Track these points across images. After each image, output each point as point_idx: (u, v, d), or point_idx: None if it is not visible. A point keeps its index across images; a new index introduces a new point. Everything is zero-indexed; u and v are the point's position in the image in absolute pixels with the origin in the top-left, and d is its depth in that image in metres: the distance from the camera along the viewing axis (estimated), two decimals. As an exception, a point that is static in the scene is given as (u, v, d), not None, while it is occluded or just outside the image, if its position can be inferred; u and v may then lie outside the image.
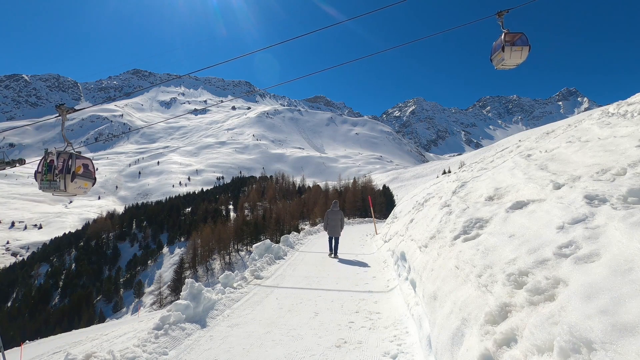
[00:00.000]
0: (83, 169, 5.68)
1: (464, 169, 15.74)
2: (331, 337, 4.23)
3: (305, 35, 5.67)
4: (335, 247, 10.16)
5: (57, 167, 5.41)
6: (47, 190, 5.53)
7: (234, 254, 58.77)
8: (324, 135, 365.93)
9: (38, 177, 5.50)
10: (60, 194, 5.66)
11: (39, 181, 5.47)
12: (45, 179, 5.41)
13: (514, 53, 6.93)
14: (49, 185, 5.43)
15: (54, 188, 5.43)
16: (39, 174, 5.49)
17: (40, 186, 5.50)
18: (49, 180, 5.39)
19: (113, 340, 7.88)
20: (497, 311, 2.25)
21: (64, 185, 5.38)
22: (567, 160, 4.92)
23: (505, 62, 6.90)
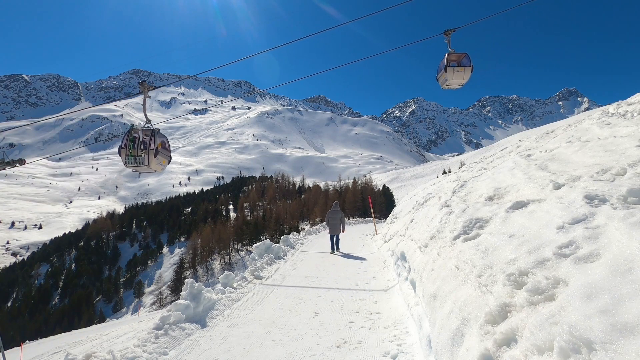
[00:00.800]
0: (162, 146, 5.87)
1: (464, 169, 15.73)
2: (331, 337, 4.23)
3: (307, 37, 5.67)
4: (336, 243, 10.90)
5: (141, 143, 5.59)
6: (131, 165, 5.71)
7: (234, 254, 58.78)
8: (324, 135, 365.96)
9: (122, 153, 5.66)
10: (143, 169, 5.82)
11: (124, 156, 5.62)
12: (130, 154, 5.59)
13: (456, 74, 6.95)
14: (134, 160, 5.61)
15: (138, 163, 5.61)
16: (122, 149, 5.66)
17: (125, 161, 5.66)
18: (134, 156, 5.57)
19: (113, 340, 7.88)
20: (497, 311, 2.25)
21: (147, 160, 5.60)
22: (567, 160, 4.92)
23: (449, 83, 6.88)
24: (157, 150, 5.59)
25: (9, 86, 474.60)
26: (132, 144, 5.55)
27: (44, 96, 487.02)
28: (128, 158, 5.55)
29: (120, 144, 5.69)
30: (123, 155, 5.60)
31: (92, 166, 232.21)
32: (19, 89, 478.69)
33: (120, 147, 5.62)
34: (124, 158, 5.59)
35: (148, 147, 5.52)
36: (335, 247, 10.86)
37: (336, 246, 10.89)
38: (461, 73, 6.88)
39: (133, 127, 5.73)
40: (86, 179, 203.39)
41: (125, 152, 5.55)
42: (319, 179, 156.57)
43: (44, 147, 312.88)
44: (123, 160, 5.65)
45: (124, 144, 5.58)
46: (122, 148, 5.60)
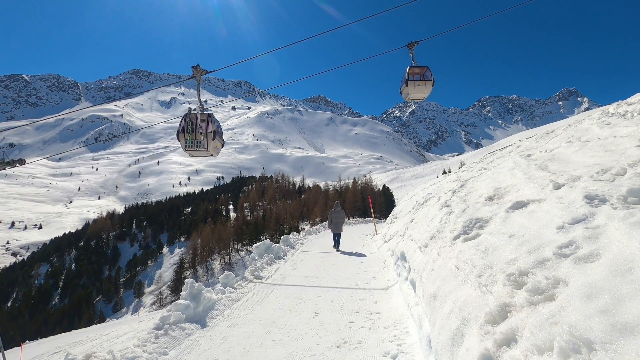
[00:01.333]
0: (218, 130, 5.98)
1: (464, 169, 15.73)
2: (331, 337, 4.23)
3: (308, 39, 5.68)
4: (338, 241, 11.43)
5: (200, 126, 5.66)
6: (190, 149, 5.78)
7: (234, 254, 58.77)
8: (324, 135, 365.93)
9: (181, 137, 5.72)
10: (201, 153, 5.91)
11: (183, 140, 5.69)
12: (189, 138, 5.66)
13: (417, 87, 6.95)
14: (194, 144, 5.71)
15: (198, 146, 5.70)
16: (181, 134, 5.71)
17: (185, 145, 5.73)
18: (193, 139, 5.65)
19: (113, 340, 7.88)
20: (497, 311, 2.25)
21: (206, 143, 5.65)
22: (567, 160, 4.92)
23: (411, 96, 6.85)
24: (214, 133, 5.68)
25: (9, 86, 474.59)
26: (190, 128, 5.62)
27: (44, 96, 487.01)
28: (187, 142, 5.63)
29: (177, 129, 5.76)
30: (182, 139, 5.66)
31: (92, 166, 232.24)
32: (19, 89, 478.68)
33: (179, 132, 5.68)
34: (183, 142, 5.65)
35: (206, 131, 5.59)
36: (337, 244, 11.40)
37: (338, 244, 11.40)
38: (422, 87, 6.88)
39: (191, 111, 5.78)
40: (86, 179, 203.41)
41: (184, 136, 5.61)
42: (319, 179, 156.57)
43: (44, 147, 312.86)
44: (182, 145, 5.70)
45: (182, 128, 5.64)
46: (180, 133, 5.66)
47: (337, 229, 11.43)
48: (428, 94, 6.98)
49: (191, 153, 5.85)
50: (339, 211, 11.63)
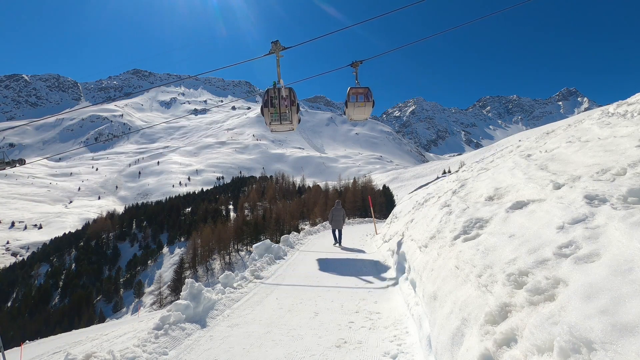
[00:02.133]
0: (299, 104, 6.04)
1: (464, 168, 15.73)
2: (331, 337, 4.23)
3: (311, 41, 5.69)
4: (339, 237, 12.18)
5: (285, 99, 5.70)
6: (275, 123, 5.81)
7: (234, 254, 58.77)
8: (324, 135, 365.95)
9: (266, 112, 5.72)
10: (285, 127, 5.95)
11: (268, 115, 5.70)
12: (275, 112, 5.68)
13: (357, 109, 6.92)
14: (279, 118, 5.72)
15: (283, 119, 5.72)
16: (265, 108, 5.71)
17: (270, 120, 5.73)
18: (279, 113, 5.67)
19: (113, 340, 7.89)
20: (497, 311, 2.25)
21: (291, 116, 5.70)
22: (567, 160, 4.92)
23: (352, 117, 6.71)
24: (298, 106, 5.71)
25: (9, 86, 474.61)
26: (274, 102, 5.62)
27: (44, 96, 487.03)
28: (273, 116, 5.63)
29: (261, 104, 5.75)
30: (267, 114, 5.63)
31: (92, 166, 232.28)
32: (19, 89, 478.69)
33: (262, 107, 5.66)
34: (268, 117, 5.63)
35: (290, 105, 5.60)
36: (339, 240, 12.12)
37: (339, 240, 12.12)
38: (362, 108, 6.84)
39: (275, 84, 5.77)
40: (86, 179, 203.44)
41: (269, 111, 5.59)
42: (319, 179, 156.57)
43: (44, 147, 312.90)
44: (267, 120, 5.69)
45: (265, 103, 5.63)
46: (264, 107, 5.64)
47: (337, 226, 12.26)
48: (368, 115, 7.02)
49: (274, 128, 5.84)
50: (339, 209, 12.43)
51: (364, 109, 6.79)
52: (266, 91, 5.78)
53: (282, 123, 5.72)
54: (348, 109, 6.58)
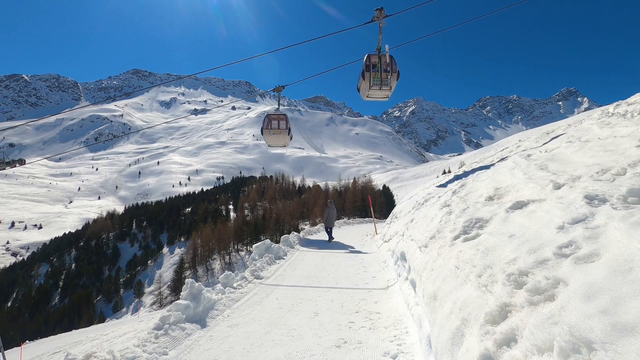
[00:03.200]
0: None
1: (464, 168, 15.72)
2: (331, 337, 4.23)
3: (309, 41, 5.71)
4: (330, 233, 13.22)
5: (388, 65, 5.79)
6: (374, 88, 5.87)
7: (234, 254, 58.75)
8: (324, 135, 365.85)
9: (367, 76, 5.80)
10: (382, 93, 6.07)
11: (370, 80, 5.75)
12: (376, 77, 5.77)
13: (272, 137, 7.01)
14: (380, 82, 5.80)
15: (383, 84, 5.82)
16: (367, 73, 5.79)
17: (372, 83, 5.79)
18: (380, 79, 5.77)
19: (113, 340, 7.89)
20: (497, 311, 2.25)
21: (391, 83, 5.81)
22: (567, 160, 4.92)
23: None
24: (398, 74, 5.77)
25: (9, 86, 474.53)
26: (378, 68, 5.68)
27: (44, 96, 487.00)
28: (375, 80, 5.66)
29: (362, 69, 5.78)
30: (367, 79, 5.66)
31: (92, 166, 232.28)
32: (19, 89, 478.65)
33: (363, 72, 5.69)
34: (369, 82, 5.65)
35: (391, 70, 5.66)
36: (330, 237, 13.09)
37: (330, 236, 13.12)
38: (277, 136, 6.87)
39: (379, 50, 5.83)
40: (86, 179, 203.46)
41: (371, 75, 5.63)
42: (319, 179, 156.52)
43: (44, 147, 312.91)
44: (366, 85, 5.71)
45: (367, 67, 5.68)
46: (365, 72, 5.68)
47: (330, 224, 13.35)
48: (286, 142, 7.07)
49: (371, 93, 5.89)
50: (332, 208, 13.59)
51: (279, 136, 7.00)
52: (367, 57, 5.86)
53: (382, 89, 5.77)
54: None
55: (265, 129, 7.06)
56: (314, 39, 5.76)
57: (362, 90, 6.46)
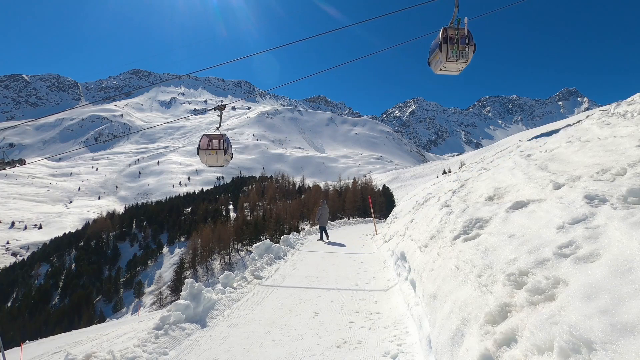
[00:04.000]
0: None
1: (464, 168, 15.72)
2: (331, 337, 4.23)
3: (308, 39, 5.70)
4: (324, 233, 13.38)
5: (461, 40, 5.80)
6: (451, 60, 5.91)
7: (234, 254, 58.76)
8: (324, 135, 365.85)
9: (443, 48, 5.77)
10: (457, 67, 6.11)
11: (447, 52, 5.75)
12: (454, 49, 5.77)
13: (209, 157, 6.98)
14: (458, 54, 5.83)
15: (462, 56, 5.84)
16: (444, 45, 5.78)
17: (449, 56, 5.79)
18: (458, 51, 5.78)
19: (113, 340, 7.89)
20: (497, 311, 2.25)
21: (468, 54, 5.84)
22: (567, 160, 4.92)
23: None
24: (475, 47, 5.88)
25: (9, 86, 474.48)
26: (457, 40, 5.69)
27: (44, 96, 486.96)
28: (453, 52, 5.66)
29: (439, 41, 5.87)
30: (445, 50, 5.65)
31: (92, 166, 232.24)
32: (19, 89, 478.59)
33: (441, 44, 5.66)
34: (448, 53, 5.64)
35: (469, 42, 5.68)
36: (324, 236, 13.25)
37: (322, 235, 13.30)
38: (213, 157, 6.86)
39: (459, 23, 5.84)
40: (86, 179, 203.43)
41: (448, 47, 5.62)
42: (319, 179, 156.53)
43: (44, 147, 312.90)
44: (444, 57, 5.70)
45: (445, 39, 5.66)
46: (443, 44, 5.65)
47: (323, 223, 13.46)
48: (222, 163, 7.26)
49: (447, 66, 5.87)
50: (325, 208, 13.77)
51: (214, 157, 7.01)
52: (443, 29, 5.86)
53: (458, 61, 5.77)
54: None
55: (201, 148, 7.04)
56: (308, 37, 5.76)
57: (435, 64, 6.44)
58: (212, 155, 7.03)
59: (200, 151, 7.09)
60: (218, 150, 7.07)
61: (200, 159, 7.25)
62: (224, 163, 6.96)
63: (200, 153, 7.10)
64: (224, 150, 6.86)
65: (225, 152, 6.90)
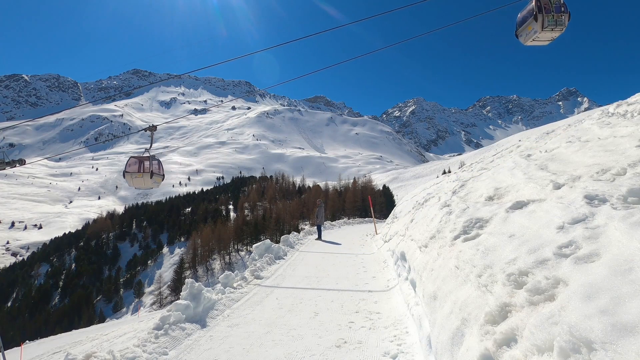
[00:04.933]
0: None
1: (464, 168, 15.74)
2: (331, 337, 4.23)
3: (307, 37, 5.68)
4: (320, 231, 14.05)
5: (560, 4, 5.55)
6: (547, 29, 5.69)
7: (234, 254, 58.78)
8: (324, 135, 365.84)
9: (539, 18, 5.58)
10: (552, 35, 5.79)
11: (544, 21, 5.56)
12: (551, 18, 5.56)
13: (135, 180, 6.87)
14: (554, 23, 5.64)
15: (558, 24, 5.62)
16: (540, 14, 5.61)
17: (545, 25, 5.61)
18: (555, 19, 5.57)
19: (113, 340, 7.90)
20: (497, 311, 2.25)
21: (565, 21, 5.63)
22: (567, 160, 4.92)
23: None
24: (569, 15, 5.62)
25: (9, 86, 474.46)
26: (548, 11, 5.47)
27: (44, 96, 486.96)
28: (549, 20, 5.49)
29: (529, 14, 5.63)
30: (541, 20, 5.43)
31: (92, 166, 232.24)
32: (19, 89, 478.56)
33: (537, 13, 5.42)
34: (544, 22, 5.44)
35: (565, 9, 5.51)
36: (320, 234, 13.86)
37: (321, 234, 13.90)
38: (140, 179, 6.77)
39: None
40: (86, 179, 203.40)
41: (544, 17, 5.47)
42: (319, 179, 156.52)
43: (44, 147, 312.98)
44: (539, 27, 5.48)
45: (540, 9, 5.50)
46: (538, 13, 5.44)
47: (321, 221, 14.17)
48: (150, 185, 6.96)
49: (540, 36, 5.62)
50: (321, 207, 14.41)
51: (140, 180, 6.89)
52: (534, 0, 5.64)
53: (554, 30, 5.53)
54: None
55: (126, 171, 6.93)
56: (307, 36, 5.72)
57: (527, 35, 6.15)
58: (139, 178, 6.90)
59: (126, 174, 6.89)
60: (144, 174, 6.93)
61: (127, 182, 7.15)
62: (152, 185, 6.85)
63: (126, 176, 6.94)
64: (150, 173, 6.74)
65: (152, 175, 6.75)
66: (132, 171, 6.90)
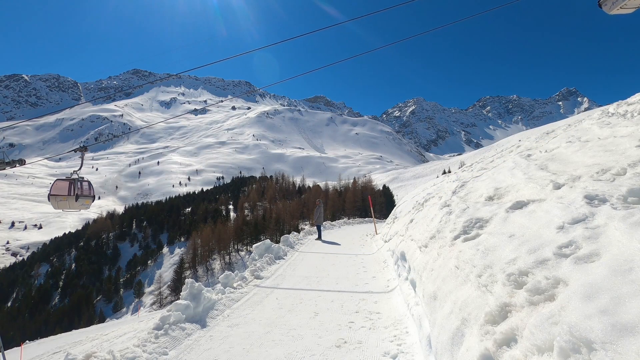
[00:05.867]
0: None
1: (464, 169, 15.74)
2: (331, 337, 4.23)
3: (306, 35, 5.66)
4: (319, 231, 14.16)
5: None
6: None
7: (234, 254, 58.79)
8: (324, 135, 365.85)
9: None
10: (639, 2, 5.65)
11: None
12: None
13: (60, 203, 6.72)
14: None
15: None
16: None
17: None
18: None
19: (113, 340, 7.90)
20: (497, 311, 2.25)
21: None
22: (567, 160, 4.92)
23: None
24: None
25: (9, 86, 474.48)
26: None
27: (44, 96, 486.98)
28: None
29: None
30: None
31: (92, 166, 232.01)
32: (19, 89, 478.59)
33: None
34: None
35: None
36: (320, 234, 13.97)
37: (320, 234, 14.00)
38: (64, 202, 6.60)
39: None
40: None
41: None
42: (319, 179, 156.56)
43: (44, 147, 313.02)
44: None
45: None
46: None
47: (319, 221, 14.34)
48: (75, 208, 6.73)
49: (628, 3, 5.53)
50: (320, 207, 14.59)
51: (65, 203, 6.72)
52: None
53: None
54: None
55: (50, 194, 6.78)
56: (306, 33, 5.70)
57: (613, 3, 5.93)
58: (63, 201, 6.70)
59: (50, 197, 6.62)
60: (69, 197, 6.73)
61: (52, 205, 6.98)
62: (80, 208, 6.58)
63: (51, 199, 6.76)
64: (76, 196, 6.46)
65: (77, 198, 6.46)
66: (57, 194, 6.71)
